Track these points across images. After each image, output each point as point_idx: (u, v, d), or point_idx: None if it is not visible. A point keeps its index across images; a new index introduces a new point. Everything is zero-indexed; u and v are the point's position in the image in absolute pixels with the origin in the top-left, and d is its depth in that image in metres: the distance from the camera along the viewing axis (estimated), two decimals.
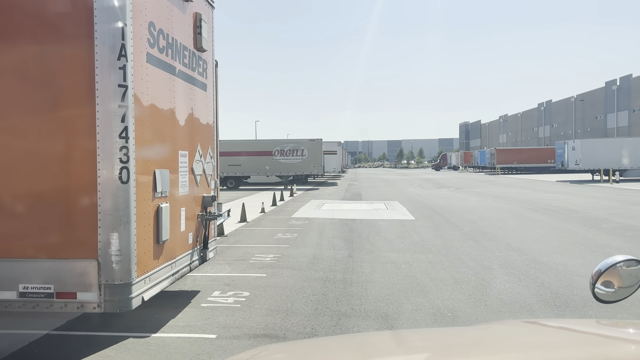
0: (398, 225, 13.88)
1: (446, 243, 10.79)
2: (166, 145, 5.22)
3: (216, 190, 6.88)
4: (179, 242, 5.55)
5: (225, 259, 9.09)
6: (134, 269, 4.36)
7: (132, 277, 4.35)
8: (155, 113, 4.91)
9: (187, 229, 5.77)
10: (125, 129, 4.22)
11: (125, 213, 4.27)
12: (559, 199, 21.95)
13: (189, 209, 5.86)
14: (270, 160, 33.75)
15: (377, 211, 17.56)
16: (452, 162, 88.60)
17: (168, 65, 5.18)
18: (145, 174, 4.65)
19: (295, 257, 9.26)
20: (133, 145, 4.32)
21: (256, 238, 11.65)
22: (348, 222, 14.42)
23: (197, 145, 6.13)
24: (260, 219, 15.48)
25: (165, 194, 5.08)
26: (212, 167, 6.76)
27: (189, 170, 5.84)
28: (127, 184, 4.27)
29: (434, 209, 18.10)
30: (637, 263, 1.93)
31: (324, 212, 17.30)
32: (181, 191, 5.62)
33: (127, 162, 4.25)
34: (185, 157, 5.70)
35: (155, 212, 4.89)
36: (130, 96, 4.25)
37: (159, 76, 4.95)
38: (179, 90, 5.43)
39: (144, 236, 4.59)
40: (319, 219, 15.24)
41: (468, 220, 14.88)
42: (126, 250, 4.27)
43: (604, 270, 1.92)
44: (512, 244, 10.59)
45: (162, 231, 4.91)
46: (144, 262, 4.57)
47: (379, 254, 9.55)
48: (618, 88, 58.63)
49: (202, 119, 6.31)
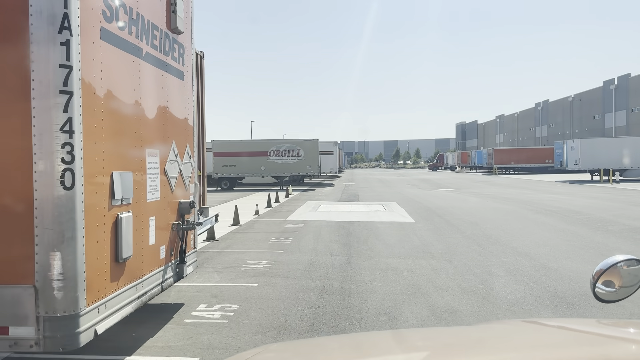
0: (397, 228, 13.32)
1: (449, 247, 10.24)
2: (129, 142, 4.37)
3: (197, 195, 6.09)
4: (147, 258, 4.76)
5: (214, 267, 8.50)
6: (83, 295, 3.51)
7: (79, 307, 3.52)
8: (114, 102, 4.08)
9: (158, 241, 4.97)
10: (70, 120, 3.36)
11: (69, 226, 3.41)
12: (561, 200, 21.45)
13: (160, 218, 5.05)
14: (266, 161, 33.13)
15: (375, 213, 17.01)
16: (449, 163, 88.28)
17: (132, 45, 4.38)
18: (99, 177, 3.83)
19: (289, 263, 8.68)
20: (80, 142, 3.47)
21: (249, 243, 11.06)
22: (345, 225, 13.86)
23: (172, 143, 5.32)
24: (254, 222, 14.89)
25: (127, 201, 4.27)
26: (191, 169, 5.95)
27: (161, 172, 5.02)
28: (72, 190, 3.42)
29: (434, 211, 17.56)
30: (637, 263, 1.92)
31: (320, 214, 16.73)
32: (150, 197, 4.80)
33: (72, 163, 3.40)
34: (156, 156, 4.87)
35: (114, 223, 4.05)
36: (76, 79, 3.40)
37: (119, 58, 4.14)
38: (146, 77, 4.62)
39: (97, 254, 3.76)
40: (315, 222, 14.67)
41: (469, 222, 14.34)
42: (71, 273, 3.41)
43: (604, 270, 1.91)
44: (518, 248, 10.06)
45: (122, 247, 4.07)
46: (96, 286, 3.73)
47: (379, 260, 8.99)
48: (616, 87, 58.29)
49: (178, 112, 5.49)
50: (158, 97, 4.92)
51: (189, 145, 5.86)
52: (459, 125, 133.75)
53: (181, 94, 5.55)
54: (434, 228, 13.20)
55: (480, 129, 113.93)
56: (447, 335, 1.91)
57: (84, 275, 3.53)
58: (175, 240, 5.48)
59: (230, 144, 33.11)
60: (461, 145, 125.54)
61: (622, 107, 57.04)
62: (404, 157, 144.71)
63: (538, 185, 33.80)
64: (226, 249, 10.30)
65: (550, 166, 56.14)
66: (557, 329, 1.79)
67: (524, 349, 1.57)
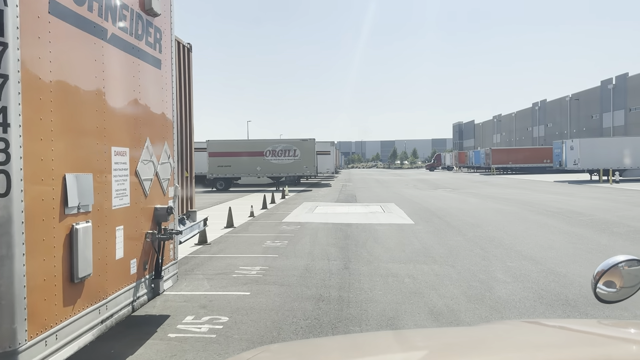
0: (397, 230, 12.90)
1: (451, 251, 9.82)
2: (89, 138, 3.71)
3: (178, 199, 5.51)
4: (113, 275, 4.10)
5: (204, 273, 8.06)
6: (23, 327, 2.85)
7: (18, 341, 2.85)
8: (68, 91, 3.43)
9: (127, 254, 4.32)
10: (4, 111, 2.74)
11: (3, 242, 2.79)
12: (562, 200, 21.08)
13: (130, 227, 4.40)
14: (262, 161, 32.61)
15: (374, 214, 16.58)
16: (446, 163, 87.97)
17: (93, 24, 3.73)
18: (46, 180, 3.20)
19: (284, 269, 8.24)
20: (20, 137, 2.85)
21: (242, 246, 10.60)
22: (343, 227, 13.42)
23: (146, 141, 4.65)
24: (249, 224, 14.44)
25: (86, 209, 3.64)
26: (170, 169, 5.29)
27: (131, 174, 4.35)
28: (7, 197, 2.79)
29: (433, 212, 17.14)
30: (638, 263, 1.91)
31: (317, 216, 16.29)
32: (117, 203, 4.14)
33: (7, 163, 2.79)
34: (124, 155, 4.20)
35: (67, 236, 3.42)
36: (12, 60, 2.76)
37: (76, 38, 3.51)
38: (112, 63, 3.96)
39: (44, 274, 3.11)
40: (312, 224, 14.23)
41: (471, 224, 13.94)
42: (7, 300, 2.77)
43: (606, 270, 1.90)
44: (523, 252, 9.64)
45: (78, 264, 3.42)
46: (43, 313, 3.09)
47: (379, 265, 8.56)
48: (614, 87, 57.99)
49: (153, 105, 4.82)
50: (128, 87, 4.26)
51: (168, 142, 5.19)
52: (456, 125, 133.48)
53: (158, 84, 4.89)
54: (435, 230, 12.79)
55: (478, 129, 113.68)
56: (447, 335, 1.90)
57: (24, 302, 2.88)
58: (150, 252, 4.87)
59: (225, 144, 32.59)
60: (458, 145, 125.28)
61: (620, 106, 56.73)
62: (401, 157, 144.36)
63: (537, 185, 33.45)
64: (218, 253, 9.84)
65: (549, 166, 55.87)
66: (558, 329, 1.78)
67: (525, 349, 1.55)
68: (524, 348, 1.57)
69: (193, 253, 9.82)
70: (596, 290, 1.94)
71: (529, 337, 1.72)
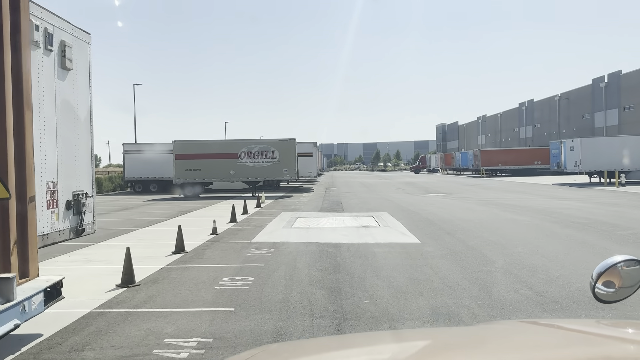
0: (401, 254, 9.77)
1: (489, 294, 6.73)
2: None
3: None
4: None
5: (102, 356, 4.75)
6: None
7: None
8: None
9: None
10: None
11: None
12: (579, 208, 18.24)
13: None
14: (236, 164, 29.11)
15: (367, 229, 13.41)
16: (431, 165, 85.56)
17: None
18: None
19: (238, 344, 5.01)
20: None
21: (183, 291, 7.24)
22: (331, 250, 10.25)
23: None
24: (206, 247, 11.13)
25: None
26: None
27: None
28: None
29: (439, 225, 14.09)
30: (636, 263, 1.91)
31: (296, 232, 13.09)
32: None
33: None
34: None
35: None
36: None
37: None
38: None
39: None
40: (290, 245, 11.02)
41: (492, 242, 10.90)
42: None
43: (604, 271, 1.90)
44: (586, 290, 6.57)
45: None
46: None
47: (390, 325, 5.42)
48: (606, 85, 55.85)
49: None
50: None
51: None
52: (440, 126, 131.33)
53: None
54: (450, 253, 9.70)
55: (462, 130, 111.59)
56: (447, 336, 1.89)
57: None
58: None
59: (193, 145, 28.97)
60: (442, 147, 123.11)
61: (613, 105, 54.60)
62: (385, 160, 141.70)
63: (537, 189, 30.73)
64: (142, 305, 6.47)
65: (540, 168, 53.72)
66: (556, 329, 1.77)
67: (524, 350, 1.52)
68: (522, 348, 1.54)
69: (103, 306, 6.48)
70: (595, 291, 1.92)
71: (527, 337, 1.69)
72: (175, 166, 28.29)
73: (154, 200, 27.05)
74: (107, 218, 18.12)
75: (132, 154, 33.75)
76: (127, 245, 8.23)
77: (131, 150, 33.92)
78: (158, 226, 15.37)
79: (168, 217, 17.66)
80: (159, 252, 10.15)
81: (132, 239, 12.79)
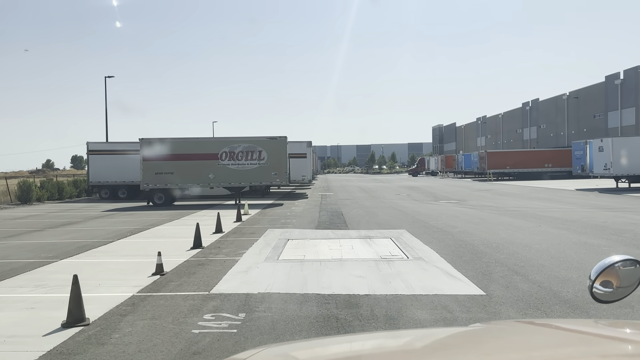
0: (466, 322, 5.45)
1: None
2: None
3: None
4: None
5: None
6: None
7: None
8: None
9: None
10: None
11: None
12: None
13: None
14: (216, 166, 24.45)
15: (391, 265, 9.01)
16: (430, 167, 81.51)
17: None
18: None
19: None
20: None
21: None
22: (342, 316, 5.91)
23: None
24: (130, 309, 6.64)
25: None
26: None
27: None
28: None
29: (488, 254, 9.80)
30: (634, 263, 1.90)
31: (284, 270, 8.72)
32: None
33: None
34: None
35: None
36: None
37: None
38: None
39: None
40: (273, 301, 6.65)
41: (585, 291, 6.60)
42: None
43: (602, 270, 1.88)
44: None
45: None
46: None
47: None
48: (622, 82, 51.91)
49: None
50: None
51: None
52: (436, 128, 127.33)
53: None
54: (543, 315, 5.38)
55: (459, 132, 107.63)
56: (445, 336, 1.85)
57: None
58: None
59: (165, 144, 24.09)
60: (438, 149, 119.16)
61: (630, 104, 50.65)
62: (379, 162, 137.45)
63: (563, 195, 26.54)
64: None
65: (551, 171, 49.80)
66: (553, 329, 1.74)
67: (521, 349, 1.52)
68: (519, 348, 1.54)
69: None
70: (592, 290, 1.90)
71: (524, 337, 1.67)
72: (142, 169, 23.66)
73: (115, 210, 22.50)
74: (26, 239, 13.53)
75: (97, 154, 29.20)
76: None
77: (96, 151, 29.34)
78: (82, 257, 10.54)
79: (112, 239, 13.13)
80: (37, 325, 5.73)
81: (18, 287, 8.29)
